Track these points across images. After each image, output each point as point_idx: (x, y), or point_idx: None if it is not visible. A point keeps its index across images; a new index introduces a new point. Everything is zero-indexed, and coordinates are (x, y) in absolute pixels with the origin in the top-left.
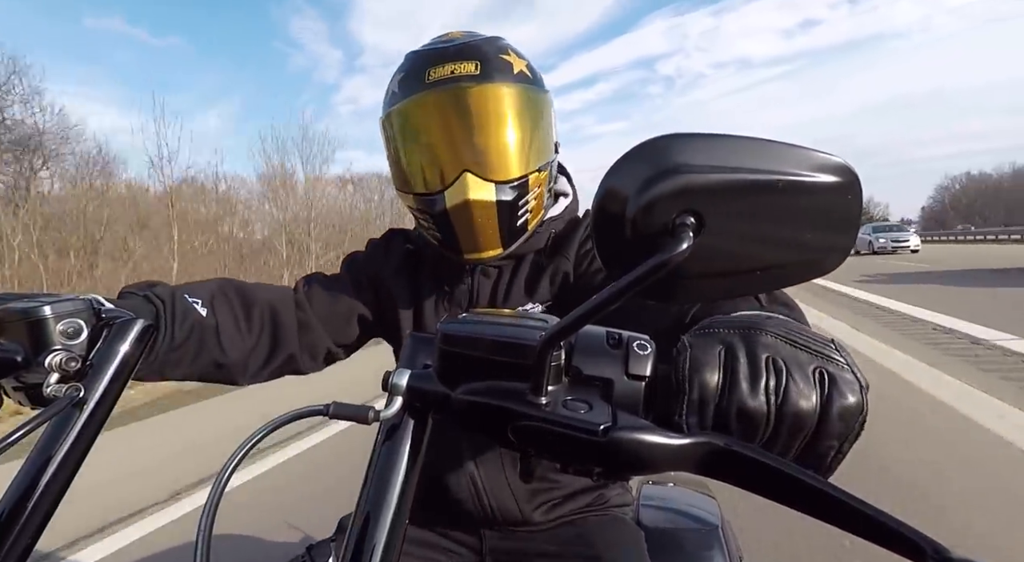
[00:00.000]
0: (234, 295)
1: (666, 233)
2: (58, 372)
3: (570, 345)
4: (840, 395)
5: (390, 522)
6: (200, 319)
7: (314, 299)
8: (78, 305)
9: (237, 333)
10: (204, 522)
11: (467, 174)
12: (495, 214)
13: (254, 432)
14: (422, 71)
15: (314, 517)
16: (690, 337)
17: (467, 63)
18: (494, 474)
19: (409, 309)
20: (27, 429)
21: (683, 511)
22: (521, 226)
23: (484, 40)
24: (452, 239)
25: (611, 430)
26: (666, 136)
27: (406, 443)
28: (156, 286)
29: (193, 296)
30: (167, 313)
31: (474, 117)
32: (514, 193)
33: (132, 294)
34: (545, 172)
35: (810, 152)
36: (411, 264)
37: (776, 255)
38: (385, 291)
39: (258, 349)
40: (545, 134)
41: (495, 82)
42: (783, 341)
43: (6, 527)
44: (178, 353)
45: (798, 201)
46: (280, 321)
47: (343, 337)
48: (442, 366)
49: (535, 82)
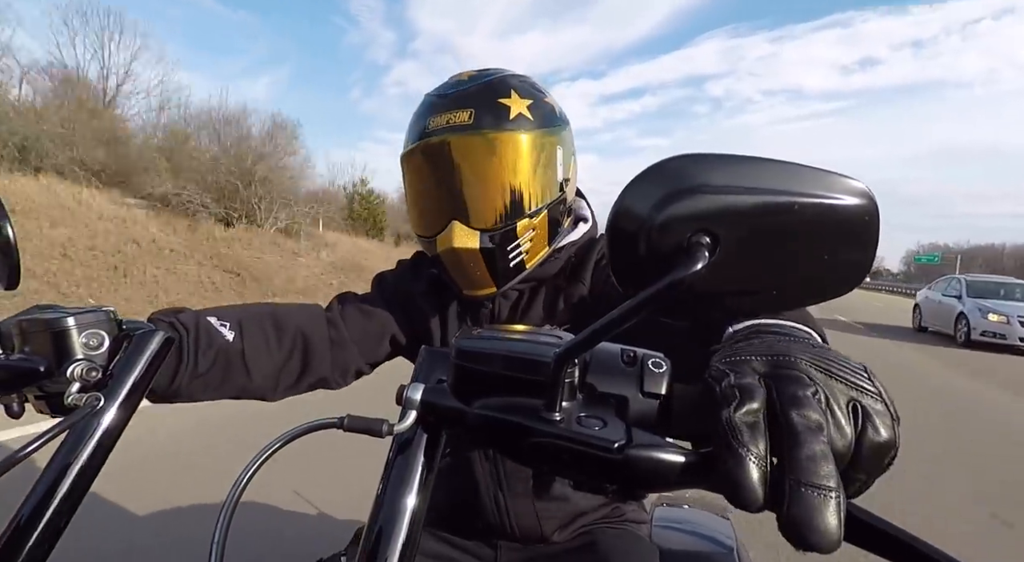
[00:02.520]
0: (264, 319)
1: (681, 252)
2: (79, 382)
3: (584, 362)
4: (874, 430)
5: (403, 537)
6: (226, 345)
7: (348, 318)
8: (100, 317)
9: (266, 357)
10: (219, 532)
11: (455, 222)
12: (481, 260)
13: (268, 444)
14: (425, 118)
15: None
16: (721, 364)
17: (461, 112)
18: (518, 489)
19: (436, 329)
20: (49, 436)
21: (698, 532)
22: (515, 266)
23: (486, 86)
24: (450, 278)
25: (626, 448)
26: (682, 156)
27: (419, 457)
28: (182, 313)
29: (222, 320)
30: (190, 341)
31: (459, 169)
32: (501, 240)
33: (159, 321)
34: (540, 217)
35: (828, 174)
36: (437, 287)
37: (791, 276)
38: (416, 310)
39: (288, 369)
40: (542, 177)
41: (486, 131)
42: (817, 369)
43: (27, 531)
44: (203, 380)
45: (814, 223)
46: (311, 342)
47: (373, 356)
48: (456, 381)
49: (536, 124)
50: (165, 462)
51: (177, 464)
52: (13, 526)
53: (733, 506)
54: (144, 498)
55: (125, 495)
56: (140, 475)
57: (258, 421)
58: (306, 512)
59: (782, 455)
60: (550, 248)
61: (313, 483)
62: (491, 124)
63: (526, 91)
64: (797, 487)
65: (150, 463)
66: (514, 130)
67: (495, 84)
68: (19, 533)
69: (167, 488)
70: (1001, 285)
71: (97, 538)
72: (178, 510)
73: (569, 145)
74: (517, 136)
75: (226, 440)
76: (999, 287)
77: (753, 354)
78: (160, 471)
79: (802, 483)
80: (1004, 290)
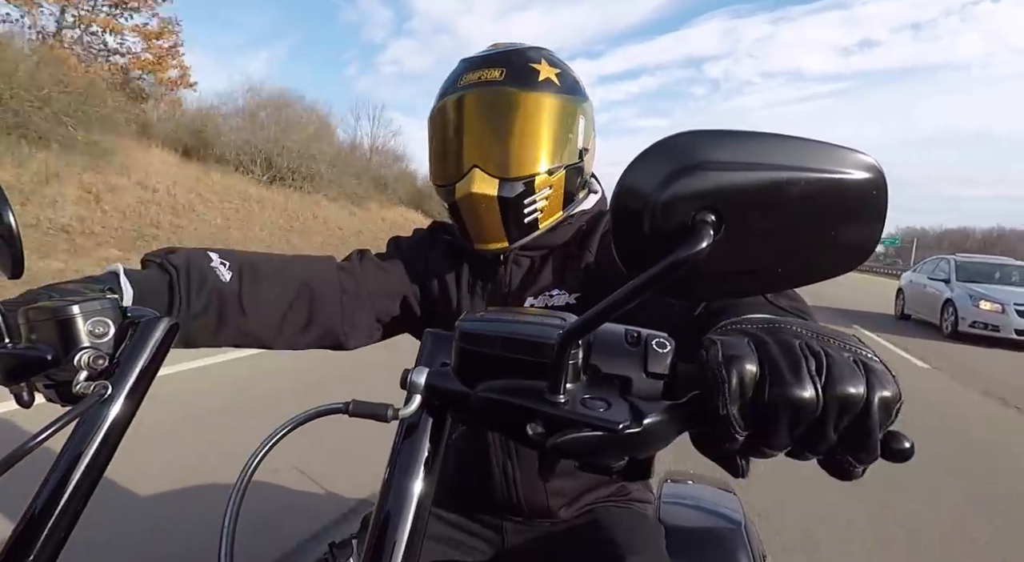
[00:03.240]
0: (269, 264)
1: (685, 230)
2: (87, 370)
3: (588, 343)
4: (880, 383)
5: (411, 520)
6: (221, 285)
7: (366, 270)
8: (105, 304)
9: (267, 302)
10: (228, 518)
11: (475, 169)
12: (497, 209)
13: (275, 430)
14: (459, 76)
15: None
16: (715, 334)
17: (493, 70)
18: (529, 466)
19: (453, 294)
20: (58, 426)
21: (706, 508)
22: (530, 223)
23: (518, 51)
24: (463, 229)
25: (630, 428)
26: (686, 132)
27: (425, 441)
28: (174, 253)
29: (223, 259)
30: (180, 282)
31: (487, 117)
32: (519, 190)
33: (151, 262)
34: (558, 175)
35: (835, 148)
36: (453, 255)
37: (797, 253)
38: (432, 276)
39: (292, 317)
40: (563, 138)
41: (513, 87)
42: (809, 333)
43: (40, 522)
44: (198, 322)
45: (821, 198)
46: (317, 291)
47: (384, 312)
48: (460, 364)
49: (562, 89)
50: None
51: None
52: (28, 517)
53: (719, 439)
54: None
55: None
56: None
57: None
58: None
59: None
60: (563, 213)
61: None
62: (519, 83)
63: (555, 62)
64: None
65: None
66: (540, 90)
67: (527, 51)
68: (35, 523)
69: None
70: (996, 267)
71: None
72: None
73: (590, 119)
74: (543, 96)
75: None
76: (994, 269)
77: (746, 323)
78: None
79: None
80: (1000, 273)
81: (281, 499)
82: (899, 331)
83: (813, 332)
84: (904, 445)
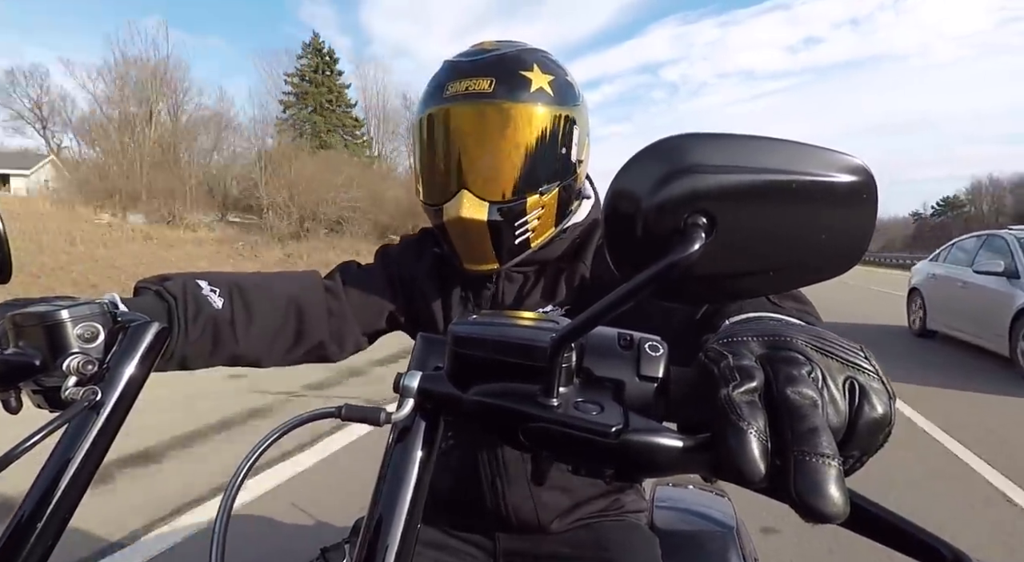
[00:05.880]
0: (256, 286)
1: (677, 234)
2: (76, 375)
3: (581, 347)
4: (870, 408)
5: (403, 524)
6: (215, 312)
7: (349, 288)
8: (94, 309)
9: (257, 325)
10: (219, 523)
11: (464, 191)
12: (487, 233)
13: (267, 435)
14: (444, 83)
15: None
16: (718, 346)
17: (482, 80)
18: (517, 479)
19: (438, 311)
20: (47, 431)
21: (698, 512)
22: (520, 244)
23: (508, 56)
24: (452, 249)
25: (623, 432)
26: (678, 136)
27: (418, 445)
28: (168, 280)
29: (213, 285)
30: (179, 310)
31: (475, 135)
32: (509, 214)
33: (146, 289)
34: (550, 194)
35: (825, 152)
36: (441, 267)
37: (789, 256)
38: (418, 291)
39: (282, 337)
40: (556, 154)
41: (503, 101)
42: (813, 349)
43: (28, 528)
44: (194, 348)
45: (812, 202)
46: (305, 310)
47: (371, 328)
48: (453, 368)
49: (555, 100)
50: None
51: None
52: (16, 522)
53: (736, 483)
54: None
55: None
56: None
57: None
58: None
59: (781, 432)
60: (556, 229)
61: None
62: (510, 95)
63: (548, 66)
64: (802, 457)
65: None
66: (533, 103)
67: (518, 55)
68: (23, 529)
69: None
70: None
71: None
72: None
73: (585, 125)
74: (535, 110)
75: None
76: None
77: (750, 335)
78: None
79: (806, 452)
80: None
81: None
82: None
83: (817, 346)
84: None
